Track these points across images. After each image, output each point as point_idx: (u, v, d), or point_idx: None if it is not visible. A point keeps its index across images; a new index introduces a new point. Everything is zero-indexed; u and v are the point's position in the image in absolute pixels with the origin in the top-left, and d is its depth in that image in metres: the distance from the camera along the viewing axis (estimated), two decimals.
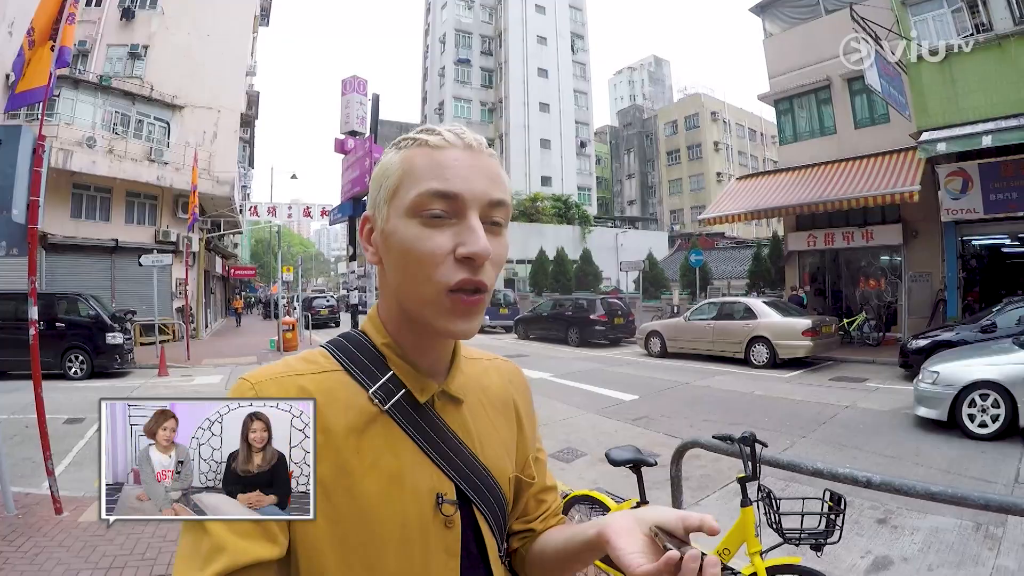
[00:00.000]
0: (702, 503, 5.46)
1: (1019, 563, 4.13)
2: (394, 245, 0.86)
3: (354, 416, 0.85)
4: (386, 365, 0.91)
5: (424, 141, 0.86)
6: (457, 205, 0.83)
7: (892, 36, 13.79)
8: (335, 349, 0.94)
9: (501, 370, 1.12)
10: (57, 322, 13.33)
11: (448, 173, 0.83)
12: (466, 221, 0.83)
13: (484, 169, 0.86)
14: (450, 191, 0.82)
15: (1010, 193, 13.63)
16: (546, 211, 42.89)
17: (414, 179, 0.84)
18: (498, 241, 0.87)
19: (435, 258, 0.82)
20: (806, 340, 13.26)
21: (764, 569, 2.66)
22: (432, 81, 54.38)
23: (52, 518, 4.95)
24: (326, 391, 0.86)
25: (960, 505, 2.25)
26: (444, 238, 0.82)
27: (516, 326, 24.25)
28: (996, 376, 7.26)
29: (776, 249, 22.82)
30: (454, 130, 0.87)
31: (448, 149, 0.85)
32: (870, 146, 16.72)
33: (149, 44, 23.26)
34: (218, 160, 23.58)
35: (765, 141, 57.47)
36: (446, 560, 0.87)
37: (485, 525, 0.93)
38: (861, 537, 4.58)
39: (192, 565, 0.73)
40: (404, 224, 0.84)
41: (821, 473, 2.45)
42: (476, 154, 0.86)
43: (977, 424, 7.26)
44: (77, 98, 20.92)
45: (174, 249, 21.39)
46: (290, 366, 0.89)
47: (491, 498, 0.94)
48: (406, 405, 0.90)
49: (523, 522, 1.07)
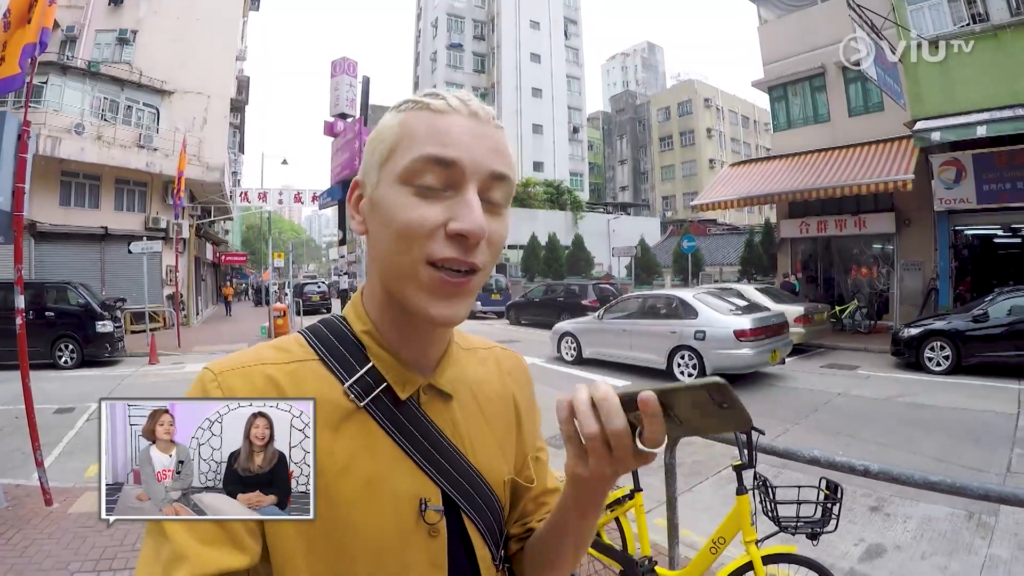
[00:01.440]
0: (695, 489, 5.48)
1: (1012, 552, 4.16)
2: (381, 213, 0.79)
3: (327, 412, 0.78)
4: (365, 356, 0.84)
5: (426, 104, 0.79)
6: (455, 174, 0.76)
7: (888, 25, 13.76)
8: (312, 336, 0.87)
9: (501, 361, 1.04)
10: (46, 311, 13.24)
11: (448, 139, 0.76)
12: (463, 194, 0.76)
13: (488, 139, 0.79)
14: (448, 157, 0.75)
15: (1003, 184, 13.72)
16: (538, 196, 42.87)
17: (411, 143, 0.77)
18: (497, 220, 0.80)
19: (422, 229, 0.75)
20: (798, 327, 13.29)
21: (760, 558, 2.65)
22: (424, 66, 54.13)
23: (42, 510, 4.92)
24: (297, 383, 0.79)
25: (960, 495, 2.24)
26: (436, 210, 0.75)
27: (508, 312, 24.19)
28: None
29: (768, 236, 22.89)
30: (460, 96, 0.81)
31: (451, 115, 0.78)
32: (864, 134, 16.72)
33: (138, 29, 23.00)
34: (208, 146, 23.41)
35: (758, 128, 57.59)
36: (431, 572, 0.81)
37: (476, 533, 0.86)
38: (854, 525, 4.61)
39: (151, 574, 0.68)
40: (394, 191, 0.77)
41: (818, 461, 2.44)
42: (482, 123, 0.79)
43: None
44: (65, 84, 20.68)
45: (164, 236, 21.20)
46: (260, 355, 0.82)
47: (483, 504, 0.87)
48: (387, 401, 0.83)
49: (521, 525, 0.99)
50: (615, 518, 3.44)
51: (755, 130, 59.44)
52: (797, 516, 2.65)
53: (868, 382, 10.44)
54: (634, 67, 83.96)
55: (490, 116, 0.81)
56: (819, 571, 2.71)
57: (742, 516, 2.73)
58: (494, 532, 0.90)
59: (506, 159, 0.81)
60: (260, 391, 0.77)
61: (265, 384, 0.78)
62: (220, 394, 0.75)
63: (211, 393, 0.76)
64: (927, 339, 11.10)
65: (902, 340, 11.54)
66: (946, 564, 4.05)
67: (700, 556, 2.94)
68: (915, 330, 11.42)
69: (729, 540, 2.82)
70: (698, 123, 58.19)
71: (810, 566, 2.71)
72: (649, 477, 3.52)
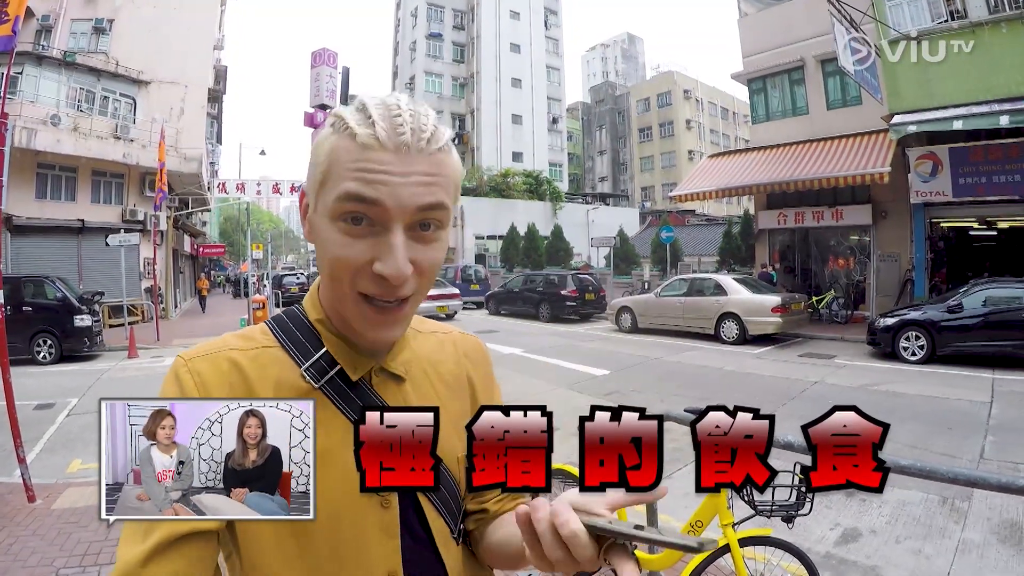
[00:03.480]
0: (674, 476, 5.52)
1: (984, 536, 4.28)
2: (317, 240, 0.82)
3: (285, 393, 0.85)
4: (320, 341, 0.89)
5: (354, 134, 0.76)
6: (379, 213, 0.76)
7: (867, 20, 13.88)
8: (275, 325, 0.94)
9: (457, 344, 1.07)
10: (24, 306, 13.03)
11: (372, 178, 0.75)
12: (387, 236, 0.77)
13: (416, 174, 0.76)
14: (369, 196, 0.75)
15: (979, 178, 13.94)
16: (517, 187, 42.80)
17: (338, 177, 0.77)
18: (431, 247, 0.81)
19: (351, 267, 0.78)
20: (775, 317, 13.47)
21: (736, 540, 2.73)
22: (403, 56, 53.66)
23: (25, 506, 4.91)
24: (259, 368, 0.87)
25: (929, 479, 2.31)
26: (361, 248, 0.77)
27: (487, 302, 24.29)
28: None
29: (747, 227, 23.04)
30: (392, 123, 0.76)
31: (376, 151, 0.76)
32: (842, 127, 16.91)
33: (114, 18, 22.62)
34: (185, 136, 23.04)
35: (737, 120, 57.77)
36: (384, 540, 0.86)
37: (429, 506, 0.91)
38: (830, 509, 4.71)
39: (134, 538, 0.75)
40: (326, 224, 0.79)
41: (792, 446, 2.50)
42: (411, 156, 0.76)
43: None
44: (41, 75, 20.28)
45: (142, 228, 20.94)
46: (226, 342, 0.89)
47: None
48: (340, 382, 0.88)
49: (477, 502, 1.01)
50: None
51: (734, 122, 59.64)
52: (772, 500, 2.70)
53: (844, 371, 10.62)
54: (614, 58, 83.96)
55: (422, 145, 0.77)
56: (794, 553, 2.81)
57: (719, 500, 2.79)
58: (450, 505, 0.94)
59: (440, 186, 0.79)
60: (225, 374, 0.85)
61: (230, 368, 0.86)
62: (190, 378, 0.83)
63: (182, 377, 0.84)
64: (902, 329, 11.29)
65: (878, 330, 11.74)
66: (920, 548, 4.16)
67: None
68: (891, 320, 11.61)
69: (707, 523, 2.88)
70: (677, 114, 58.30)
71: (786, 548, 2.81)
72: None
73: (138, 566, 0.73)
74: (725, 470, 0.69)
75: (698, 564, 2.87)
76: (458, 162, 0.85)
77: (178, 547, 0.75)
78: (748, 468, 0.69)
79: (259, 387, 0.85)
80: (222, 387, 0.84)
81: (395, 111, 0.77)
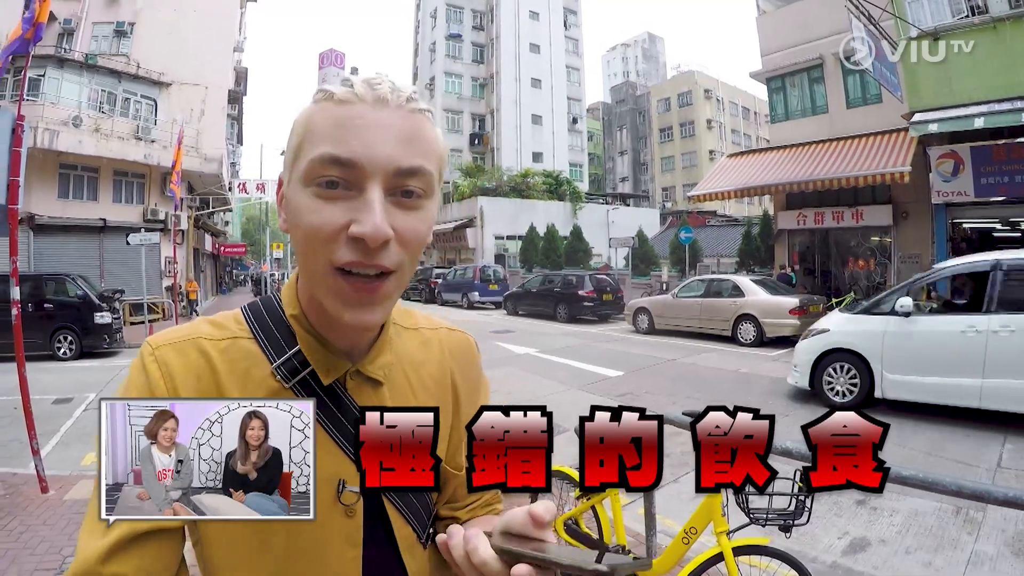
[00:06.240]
0: (681, 480, 5.49)
1: (998, 548, 4.14)
2: (291, 215, 0.77)
3: (252, 390, 0.81)
4: (295, 339, 0.85)
5: (331, 94, 0.74)
6: (355, 173, 0.71)
7: (886, 16, 13.72)
8: (250, 314, 0.88)
9: (444, 343, 1.01)
10: (45, 303, 13.28)
11: (347, 134, 0.71)
12: (364, 195, 0.72)
13: (395, 129, 0.73)
14: (344, 157, 0.71)
15: (1002, 177, 13.68)
16: (537, 187, 42.67)
17: (312, 141, 0.73)
18: (413, 216, 0.76)
19: (323, 233, 0.72)
20: (793, 319, 13.33)
21: (731, 549, 2.66)
22: (423, 56, 53.84)
23: (37, 497, 4.99)
24: (228, 360, 0.82)
25: (932, 491, 2.23)
26: (337, 212, 0.72)
27: (505, 302, 24.26)
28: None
29: (766, 227, 22.85)
30: (372, 80, 0.75)
31: (354, 104, 0.73)
32: (862, 126, 16.71)
33: (135, 21, 22.95)
34: (206, 137, 23.39)
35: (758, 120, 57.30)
36: (345, 550, 0.83)
37: (396, 514, 0.88)
38: (839, 517, 4.63)
39: (94, 532, 0.72)
40: (300, 193, 0.74)
41: (790, 453, 2.44)
42: (390, 110, 0.73)
43: None
44: (63, 77, 20.64)
45: (162, 228, 21.22)
46: (197, 329, 0.85)
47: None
48: (312, 384, 0.84)
49: (451, 509, 0.98)
50: (591, 507, 3.46)
51: (755, 121, 59.18)
52: (768, 508, 2.61)
53: None
54: (634, 58, 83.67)
55: (402, 100, 0.75)
56: (791, 563, 2.70)
57: (713, 507, 2.74)
58: (419, 513, 0.91)
59: (418, 147, 0.75)
60: (192, 364, 0.81)
61: (197, 358, 0.81)
62: (156, 367, 0.80)
63: (148, 366, 0.80)
64: None
65: None
66: (931, 560, 4.04)
67: (672, 546, 2.95)
68: None
69: (701, 531, 2.83)
70: (698, 114, 57.93)
71: (782, 558, 2.70)
72: None
73: (97, 563, 0.71)
74: (725, 470, 0.69)
75: (690, 573, 2.81)
76: (440, 135, 0.81)
77: (140, 544, 0.73)
78: (748, 468, 0.68)
79: (227, 381, 0.81)
80: (188, 378, 0.80)
81: (376, 78, 0.76)
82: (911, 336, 7.42)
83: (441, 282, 29.03)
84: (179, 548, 0.79)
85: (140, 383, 0.79)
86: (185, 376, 0.80)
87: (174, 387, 0.79)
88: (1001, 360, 6.58)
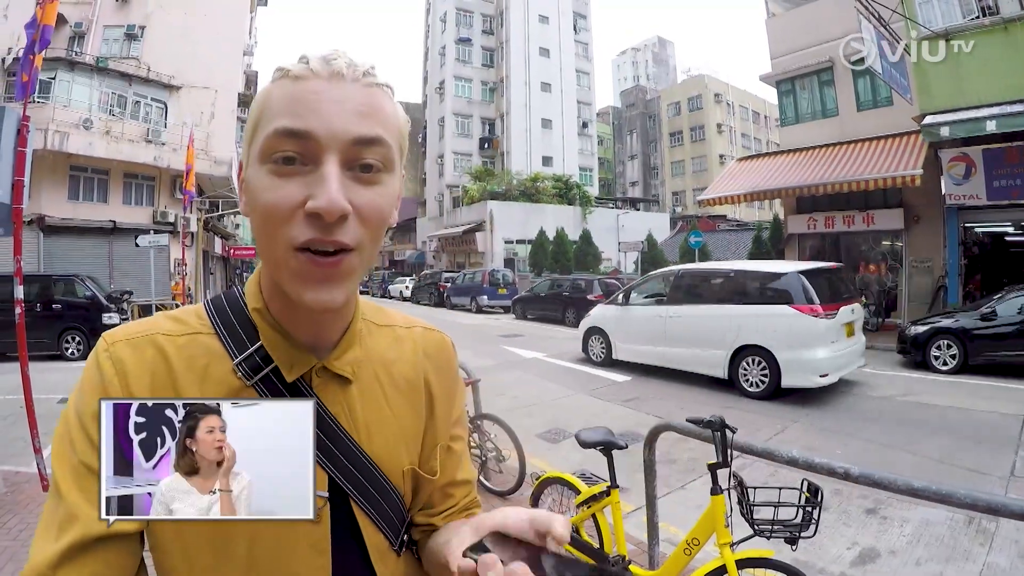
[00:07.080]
0: (688, 487, 5.43)
1: (1011, 561, 4.01)
2: (249, 195, 0.75)
3: (212, 389, 0.77)
4: (257, 334, 0.81)
5: (287, 71, 0.73)
6: (310, 146, 0.69)
7: (896, 18, 13.60)
8: (212, 308, 0.85)
9: (418, 342, 0.97)
10: (54, 303, 13.33)
11: (301, 108, 0.70)
12: (320, 168, 0.69)
13: (351, 100, 0.71)
14: (298, 128, 0.69)
15: (1014, 180, 13.50)
16: (547, 191, 42.71)
17: (268, 117, 0.72)
18: (373, 190, 0.73)
19: (281, 212, 0.70)
20: None
21: (734, 561, 2.57)
22: (433, 60, 54.09)
23: (39, 495, 4.98)
24: (187, 357, 0.78)
25: (945, 503, 2.14)
26: (293, 188, 0.70)
27: (514, 306, 24.18)
28: None
29: (777, 232, 22.71)
30: (328, 56, 0.73)
31: (309, 80, 0.71)
32: (872, 129, 16.54)
33: (146, 25, 23.15)
34: (215, 140, 23.59)
35: (769, 123, 57.26)
36: (312, 558, 0.79)
37: (366, 520, 0.84)
38: (848, 527, 4.53)
39: (47, 536, 0.69)
40: (257, 172, 0.72)
41: (796, 462, 2.37)
42: (345, 83, 0.72)
43: None
44: (73, 80, 20.89)
45: (172, 230, 21.35)
46: (155, 324, 0.81)
47: (375, 493, 0.85)
48: (276, 382, 0.80)
49: (426, 515, 0.95)
50: (592, 515, 3.38)
51: (766, 125, 59.10)
52: (773, 519, 2.54)
53: (872, 381, 10.34)
54: (645, 62, 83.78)
55: (358, 74, 0.73)
56: None
57: (716, 517, 2.66)
58: (391, 520, 0.88)
59: (376, 119, 0.73)
60: (147, 361, 0.77)
61: (154, 355, 0.77)
62: (109, 364, 0.76)
63: (102, 363, 0.76)
64: (934, 337, 10.96)
65: (908, 338, 11.42)
66: (942, 571, 3.93)
67: (673, 558, 2.88)
68: (921, 328, 11.27)
69: (703, 541, 2.76)
70: (708, 118, 57.96)
71: (788, 572, 2.57)
72: (640, 474, 3.48)
73: (48, 568, 0.67)
74: None
75: None
76: (400, 110, 0.79)
77: (94, 550, 0.69)
78: None
79: (183, 379, 0.77)
80: (142, 376, 0.76)
81: (332, 54, 0.74)
82: (630, 319, 11.35)
83: (450, 286, 28.98)
84: (136, 554, 0.75)
85: (94, 380, 0.76)
86: (139, 374, 0.76)
87: (127, 384, 0.75)
88: (672, 335, 10.38)
